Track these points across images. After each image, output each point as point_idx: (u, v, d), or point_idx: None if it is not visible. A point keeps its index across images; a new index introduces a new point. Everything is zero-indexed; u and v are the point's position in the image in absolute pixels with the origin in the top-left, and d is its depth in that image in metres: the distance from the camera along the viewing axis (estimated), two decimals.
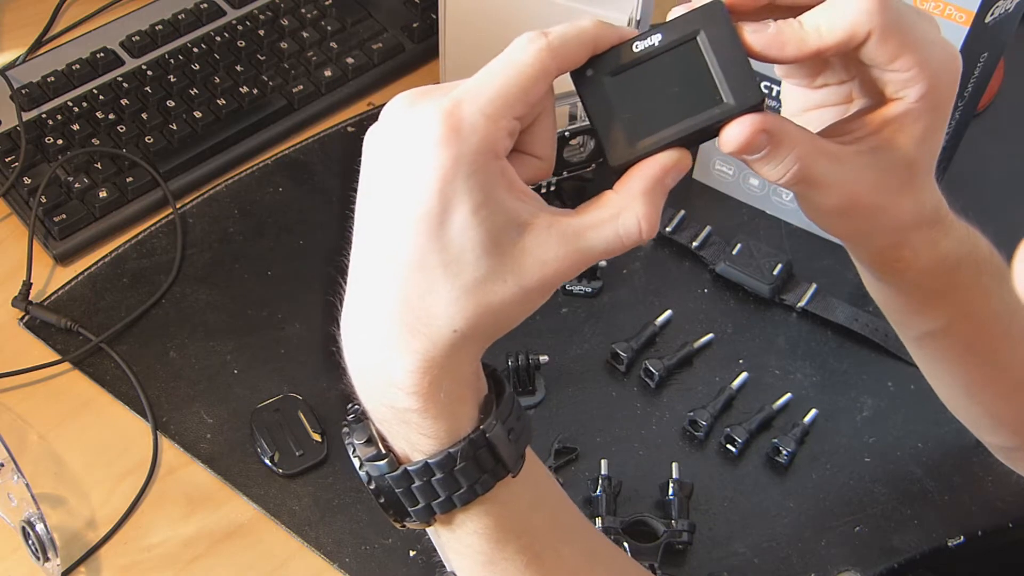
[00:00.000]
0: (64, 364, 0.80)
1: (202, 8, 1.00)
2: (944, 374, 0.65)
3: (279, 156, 0.94)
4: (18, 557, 0.70)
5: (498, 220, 0.42)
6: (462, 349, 0.44)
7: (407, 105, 0.43)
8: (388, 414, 0.46)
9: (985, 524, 0.74)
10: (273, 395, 0.78)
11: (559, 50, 0.43)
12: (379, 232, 0.44)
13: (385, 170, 0.43)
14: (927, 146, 0.49)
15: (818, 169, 0.47)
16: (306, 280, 0.85)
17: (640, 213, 0.44)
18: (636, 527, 0.72)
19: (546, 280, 0.44)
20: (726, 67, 0.45)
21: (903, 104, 0.47)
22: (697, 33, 0.45)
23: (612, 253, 0.44)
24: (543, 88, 0.44)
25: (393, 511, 0.48)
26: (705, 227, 0.88)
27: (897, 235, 0.52)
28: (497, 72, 0.43)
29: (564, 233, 0.44)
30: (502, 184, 0.43)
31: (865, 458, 0.77)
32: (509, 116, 0.43)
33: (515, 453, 0.47)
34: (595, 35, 0.45)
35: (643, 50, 0.45)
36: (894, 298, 0.58)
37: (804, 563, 0.72)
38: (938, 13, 0.74)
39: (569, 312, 0.84)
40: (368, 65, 0.98)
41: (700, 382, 0.81)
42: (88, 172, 0.88)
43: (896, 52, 0.46)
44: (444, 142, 0.41)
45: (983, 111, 0.97)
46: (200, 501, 0.74)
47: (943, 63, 0.47)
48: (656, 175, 0.45)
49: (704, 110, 0.45)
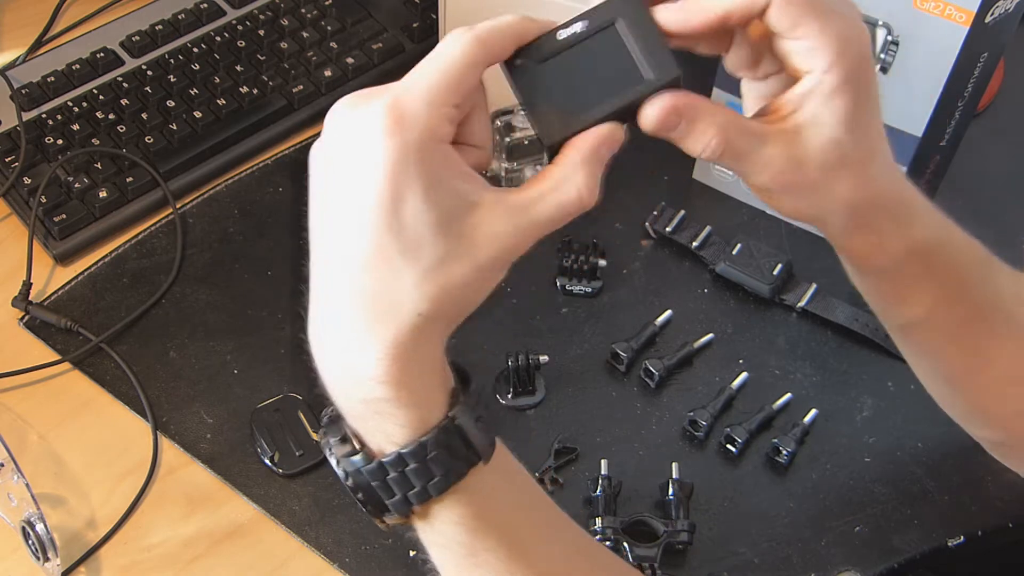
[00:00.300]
0: (64, 364, 0.80)
1: (202, 8, 1.00)
2: (929, 365, 0.65)
3: (279, 156, 0.94)
4: (18, 557, 0.70)
5: (449, 201, 0.44)
6: (428, 332, 0.46)
7: (349, 108, 0.46)
8: (362, 409, 0.47)
9: (985, 524, 0.74)
10: (273, 395, 0.78)
11: (486, 41, 0.47)
12: (335, 231, 0.46)
13: (335, 171, 0.45)
14: (856, 125, 0.50)
15: (740, 145, 0.49)
16: (306, 280, 0.85)
17: (579, 182, 0.47)
18: (636, 527, 0.72)
19: (499, 255, 0.46)
20: (644, 48, 0.48)
21: (813, 77, 0.49)
22: (615, 20, 0.48)
23: (557, 222, 0.47)
24: (475, 77, 0.47)
25: (371, 506, 0.49)
26: (705, 227, 0.88)
27: (855, 217, 0.53)
28: (431, 65, 0.46)
29: (511, 208, 0.46)
30: (448, 167, 0.45)
31: (865, 458, 0.77)
32: (448, 104, 0.45)
33: (485, 440, 0.48)
34: (519, 27, 0.48)
35: (567, 37, 0.49)
36: (872, 286, 0.59)
37: (804, 563, 0.72)
38: (938, 13, 0.74)
39: (569, 312, 0.84)
40: (368, 65, 0.98)
41: (700, 382, 0.81)
42: (88, 172, 0.88)
43: (797, 18, 0.48)
44: (390, 132, 0.44)
45: (983, 111, 0.97)
46: (200, 501, 0.74)
47: (847, 32, 0.49)
48: (590, 146, 0.48)
49: (628, 88, 0.48)
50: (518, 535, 0.50)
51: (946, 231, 0.56)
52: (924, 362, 0.65)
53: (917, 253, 0.55)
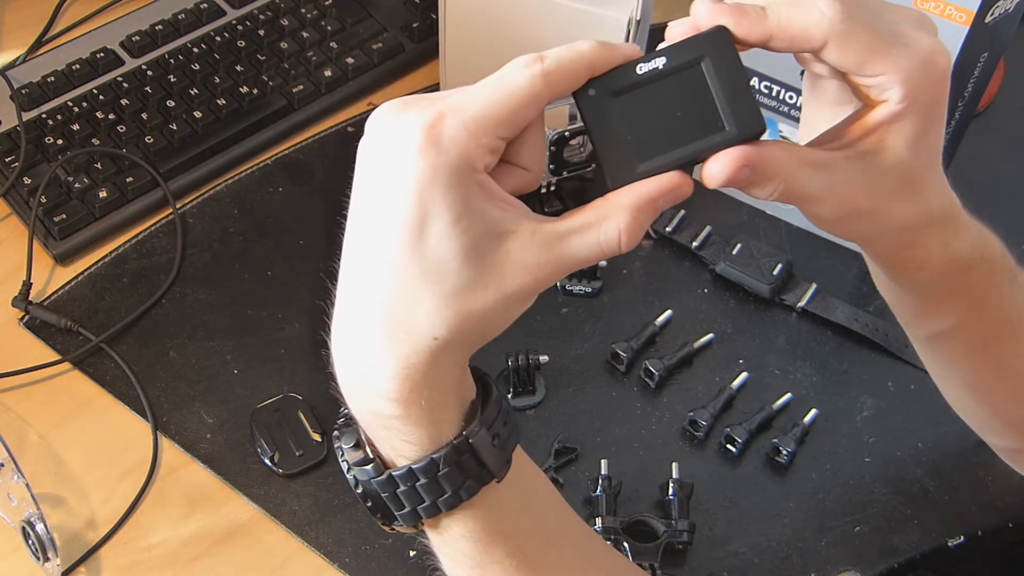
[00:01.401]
0: (64, 364, 0.80)
1: (202, 8, 1.00)
2: (953, 374, 0.65)
3: (279, 156, 0.94)
4: (18, 557, 0.70)
5: (479, 230, 0.42)
6: (444, 357, 0.44)
7: (392, 114, 0.44)
8: (372, 420, 0.46)
9: (985, 524, 0.74)
10: (273, 395, 0.78)
11: (553, 76, 0.43)
12: (364, 239, 0.44)
13: (370, 178, 0.44)
14: (921, 147, 0.48)
15: (804, 183, 0.47)
16: (306, 280, 0.85)
17: (623, 224, 0.44)
18: (636, 527, 0.72)
19: (528, 286, 0.44)
20: (729, 94, 0.45)
21: (888, 107, 0.47)
22: (702, 59, 0.45)
23: (592, 260, 0.44)
24: (533, 113, 0.44)
25: (380, 515, 0.49)
26: (705, 227, 0.88)
27: (905, 236, 0.51)
28: (487, 91, 0.43)
29: (547, 238, 0.44)
30: (480, 196, 0.43)
31: (865, 458, 0.77)
32: (492, 135, 0.43)
33: (500, 459, 0.47)
34: (592, 60, 0.44)
35: (646, 72, 0.45)
36: (906, 298, 0.58)
37: (804, 563, 0.72)
38: (938, 13, 0.74)
39: (569, 312, 0.84)
40: (368, 65, 0.98)
41: (700, 382, 0.81)
42: (88, 172, 0.88)
43: (862, 59, 0.46)
44: (422, 151, 0.41)
45: (983, 111, 0.97)
46: (200, 501, 0.74)
47: (923, 63, 0.46)
48: (651, 194, 0.45)
49: (705, 136, 0.45)
50: (527, 544, 0.50)
51: (983, 242, 0.55)
52: (948, 371, 0.65)
53: (957, 267, 0.54)
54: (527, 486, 0.51)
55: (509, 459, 0.48)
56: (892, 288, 0.58)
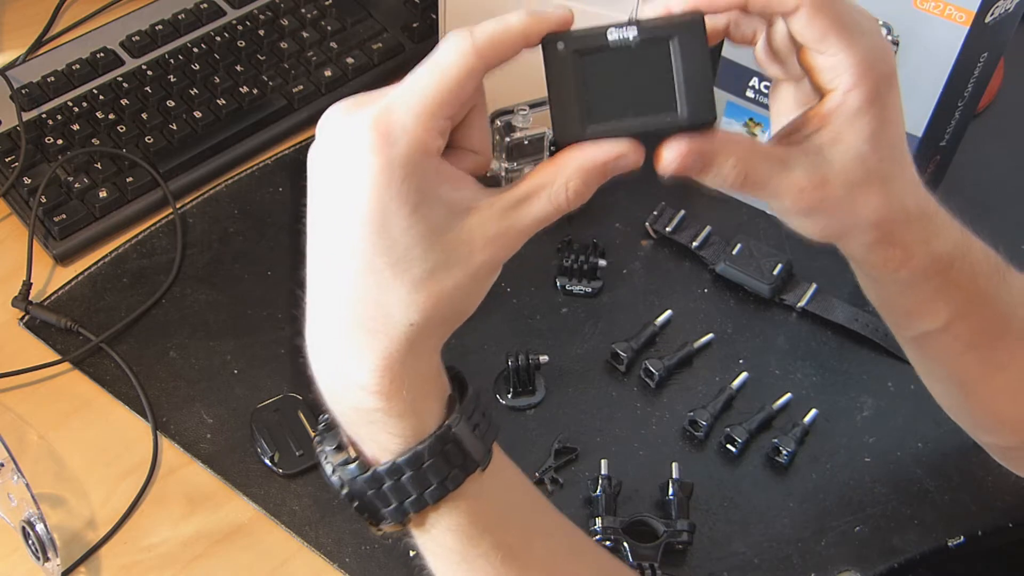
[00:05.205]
0: (64, 364, 0.80)
1: (202, 8, 1.00)
2: (942, 373, 0.65)
3: (279, 156, 0.94)
4: (18, 557, 0.70)
5: (439, 213, 0.44)
6: (420, 342, 0.45)
7: (340, 116, 0.45)
8: (355, 417, 0.47)
9: (985, 524, 0.74)
10: (273, 395, 0.78)
11: (484, 50, 0.45)
12: (328, 241, 0.45)
13: (325, 182, 0.45)
14: (880, 142, 0.49)
15: (761, 174, 0.48)
16: (302, 283, 0.85)
17: (572, 185, 0.45)
18: (636, 527, 0.72)
19: (492, 258, 0.45)
20: (689, 78, 0.46)
21: (838, 95, 0.48)
22: (671, 38, 0.46)
23: (547, 220, 0.46)
24: (471, 88, 0.45)
25: (367, 514, 0.49)
26: (705, 227, 0.88)
27: (875, 232, 0.52)
28: (425, 75, 0.44)
29: (503, 208, 0.45)
30: (436, 179, 0.44)
31: (865, 458, 0.77)
32: (439, 116, 0.44)
33: (482, 448, 0.48)
34: (523, 31, 0.45)
35: (616, 40, 0.46)
36: (890, 299, 0.59)
37: (804, 563, 0.72)
38: (938, 13, 0.74)
39: (569, 312, 0.84)
40: (368, 65, 0.98)
41: (700, 382, 0.81)
42: (88, 172, 0.88)
43: (825, 31, 0.47)
44: (375, 149, 0.43)
45: (983, 111, 0.97)
46: (200, 501, 0.74)
47: (874, 52, 0.48)
48: (599, 159, 0.46)
49: (657, 113, 0.46)
50: (513, 538, 0.50)
51: (966, 243, 0.56)
52: (937, 369, 0.65)
53: (938, 266, 0.55)
54: (509, 480, 0.52)
55: (490, 449, 0.49)
56: (876, 289, 0.59)
